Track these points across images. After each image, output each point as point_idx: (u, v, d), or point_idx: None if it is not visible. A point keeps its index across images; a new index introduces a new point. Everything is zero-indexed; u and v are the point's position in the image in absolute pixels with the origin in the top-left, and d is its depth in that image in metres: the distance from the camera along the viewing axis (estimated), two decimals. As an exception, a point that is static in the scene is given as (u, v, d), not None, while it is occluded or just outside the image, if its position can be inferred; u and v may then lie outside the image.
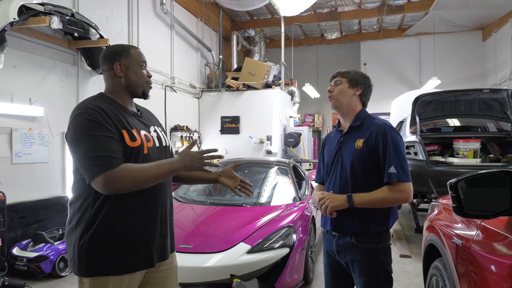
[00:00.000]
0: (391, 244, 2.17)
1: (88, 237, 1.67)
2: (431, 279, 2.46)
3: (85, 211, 1.69)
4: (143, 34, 7.34)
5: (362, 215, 2.04)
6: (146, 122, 1.93)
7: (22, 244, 4.48)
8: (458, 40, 12.47)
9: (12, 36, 4.58)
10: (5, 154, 4.59)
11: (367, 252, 2.05)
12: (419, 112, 5.69)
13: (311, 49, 14.27)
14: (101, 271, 1.68)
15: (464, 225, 1.99)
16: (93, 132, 1.62)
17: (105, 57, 1.85)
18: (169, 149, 2.00)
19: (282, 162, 5.45)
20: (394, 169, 1.96)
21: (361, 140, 2.07)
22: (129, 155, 1.70)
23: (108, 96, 1.84)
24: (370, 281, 2.05)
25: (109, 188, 1.60)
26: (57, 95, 5.32)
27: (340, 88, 2.17)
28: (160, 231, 1.85)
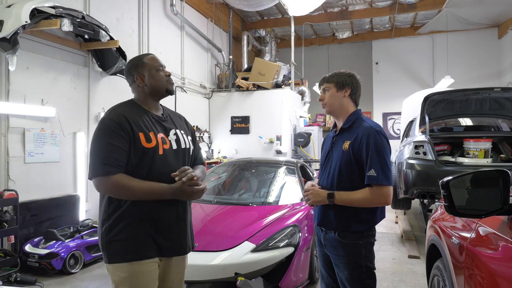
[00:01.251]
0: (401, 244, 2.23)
1: (107, 226, 1.89)
2: (433, 279, 2.45)
3: (106, 204, 1.92)
4: (153, 36, 7.43)
5: (346, 213, 2.14)
6: (168, 125, 2.08)
7: (34, 241, 4.60)
8: (472, 38, 12.27)
9: (24, 38, 4.69)
10: (18, 154, 4.70)
11: (348, 248, 2.14)
12: (429, 112, 5.63)
13: (322, 48, 14.22)
14: (120, 258, 1.86)
15: (463, 225, 1.99)
16: (106, 139, 1.86)
17: (126, 72, 2.08)
18: (189, 151, 2.14)
19: (290, 162, 5.46)
20: (374, 172, 2.03)
21: (347, 142, 2.16)
22: (145, 154, 1.90)
23: (135, 102, 2.06)
24: (352, 275, 2.14)
25: (100, 189, 1.88)
26: (69, 96, 5.43)
27: (330, 94, 2.26)
28: (178, 226, 2.01)
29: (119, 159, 1.84)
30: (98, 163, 1.83)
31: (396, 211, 7.75)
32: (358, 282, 2.14)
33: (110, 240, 1.87)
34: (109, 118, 1.91)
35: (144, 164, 1.90)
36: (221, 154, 9.57)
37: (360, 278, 2.13)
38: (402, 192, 5.40)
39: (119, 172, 1.83)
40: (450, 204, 1.56)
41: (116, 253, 1.87)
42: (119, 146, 1.85)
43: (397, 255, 5.12)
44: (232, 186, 5.13)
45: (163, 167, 1.94)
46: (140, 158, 1.89)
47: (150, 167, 1.91)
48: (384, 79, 13.14)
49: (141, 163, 1.90)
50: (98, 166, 1.83)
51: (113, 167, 1.82)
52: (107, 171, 1.81)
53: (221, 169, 5.64)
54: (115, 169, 1.82)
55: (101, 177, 1.82)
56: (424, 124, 5.62)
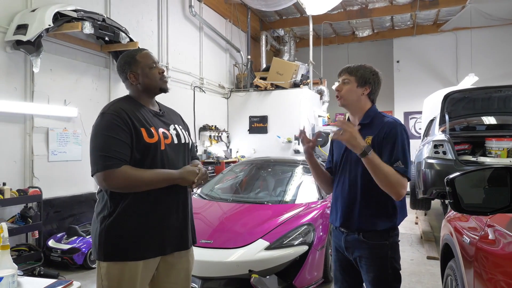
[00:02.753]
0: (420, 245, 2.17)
1: (107, 224, 1.84)
2: (446, 279, 2.43)
3: (106, 201, 1.88)
4: (172, 37, 7.55)
5: (370, 212, 2.06)
6: (167, 120, 2.07)
7: (57, 236, 4.77)
8: (498, 34, 11.92)
9: (48, 41, 4.86)
10: (42, 152, 4.88)
11: (374, 249, 2.05)
12: (449, 110, 5.53)
13: (342, 47, 14.11)
14: (117, 256, 1.83)
15: (473, 223, 1.97)
16: (107, 133, 1.81)
17: (119, 69, 2.03)
18: (188, 146, 2.12)
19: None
20: (401, 164, 1.95)
21: (370, 137, 2.07)
22: (147, 150, 1.88)
23: (132, 98, 2.03)
24: (378, 278, 2.05)
25: (105, 184, 1.80)
26: (90, 96, 5.60)
27: (348, 87, 2.14)
28: (178, 221, 1.98)
29: (123, 152, 1.80)
30: (101, 157, 1.78)
31: (416, 211, 7.64)
32: (384, 284, 2.05)
33: (110, 237, 1.83)
34: (108, 112, 1.87)
35: (147, 159, 1.88)
36: (239, 153, 9.64)
37: (386, 281, 2.05)
38: (421, 192, 5.32)
39: (124, 165, 1.79)
40: (455, 201, 1.55)
41: (115, 251, 1.83)
42: (121, 140, 1.81)
43: (416, 256, 5.06)
44: (249, 185, 5.18)
45: (165, 162, 1.93)
46: (143, 153, 1.87)
47: (153, 162, 1.89)
48: (405, 78, 12.93)
49: (144, 158, 1.87)
50: (102, 160, 1.77)
51: (118, 160, 1.78)
52: (112, 164, 1.76)
53: (238, 168, 5.69)
54: (120, 162, 1.78)
55: (106, 171, 1.76)
56: (444, 123, 5.53)
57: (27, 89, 4.72)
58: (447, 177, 1.57)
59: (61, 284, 1.73)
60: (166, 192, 1.92)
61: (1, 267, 1.53)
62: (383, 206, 2.06)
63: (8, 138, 4.51)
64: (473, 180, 1.59)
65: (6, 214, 4.43)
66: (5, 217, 4.39)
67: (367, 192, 2.06)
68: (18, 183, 4.58)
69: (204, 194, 4.83)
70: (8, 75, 4.50)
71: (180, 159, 2.04)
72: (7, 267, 1.54)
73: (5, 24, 4.45)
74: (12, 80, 4.55)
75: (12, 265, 1.56)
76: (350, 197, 2.11)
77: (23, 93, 4.68)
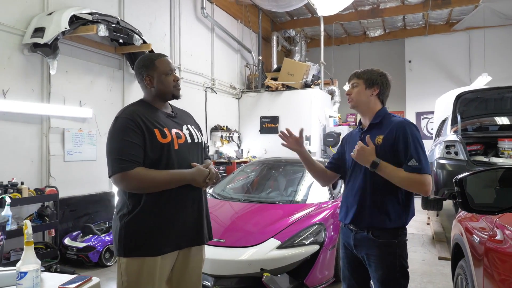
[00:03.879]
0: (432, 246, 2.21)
1: (126, 221, 1.93)
2: (457, 279, 2.45)
3: (125, 200, 1.97)
4: (185, 38, 7.64)
5: (379, 211, 2.11)
6: (179, 121, 2.16)
7: (73, 235, 4.87)
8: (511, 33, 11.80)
9: (64, 44, 4.97)
10: (58, 152, 4.99)
11: (383, 247, 2.10)
12: (461, 111, 5.50)
13: (353, 47, 14.05)
14: (135, 252, 1.91)
15: (483, 223, 1.99)
16: (122, 136, 1.91)
17: (136, 70, 2.12)
18: (201, 145, 2.21)
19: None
20: (415, 162, 2.01)
21: (380, 136, 2.14)
22: (161, 149, 1.96)
23: (145, 101, 2.12)
24: (386, 275, 2.10)
25: (121, 185, 1.92)
26: (105, 97, 5.70)
27: (357, 90, 2.24)
28: (193, 217, 2.06)
29: (136, 154, 1.89)
30: (116, 160, 1.88)
31: (428, 212, 7.60)
32: (392, 282, 2.10)
33: (129, 234, 1.92)
34: (122, 116, 1.96)
35: (162, 159, 1.95)
36: (250, 153, 9.69)
37: (394, 278, 2.10)
38: (433, 192, 5.30)
39: (137, 167, 1.88)
40: (464, 201, 1.58)
41: (133, 247, 1.91)
42: (134, 142, 1.90)
43: (427, 257, 5.06)
44: (260, 184, 5.23)
45: (179, 162, 2.00)
46: (158, 153, 1.94)
47: (167, 162, 1.96)
48: (417, 78, 12.84)
49: (160, 158, 1.95)
50: (117, 163, 1.87)
51: (131, 163, 1.87)
52: (126, 166, 1.85)
53: (249, 168, 5.74)
54: (133, 164, 1.87)
55: (121, 173, 1.86)
56: (456, 123, 5.50)
57: (44, 90, 4.83)
58: (456, 177, 1.60)
59: (81, 279, 1.77)
60: (180, 191, 1.99)
61: (26, 262, 1.58)
62: (392, 205, 2.11)
63: (25, 139, 4.62)
64: (485, 180, 1.62)
65: (24, 213, 4.54)
66: (22, 215, 4.49)
67: (377, 191, 2.13)
68: (35, 183, 4.70)
69: (216, 193, 4.89)
70: (25, 77, 4.62)
71: (194, 158, 2.11)
72: (31, 262, 1.59)
73: (22, 27, 4.56)
74: (30, 81, 4.67)
75: (36, 261, 1.61)
76: (360, 195, 2.18)
77: (40, 94, 4.79)
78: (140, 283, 1.91)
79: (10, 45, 4.45)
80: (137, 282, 1.91)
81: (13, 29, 4.47)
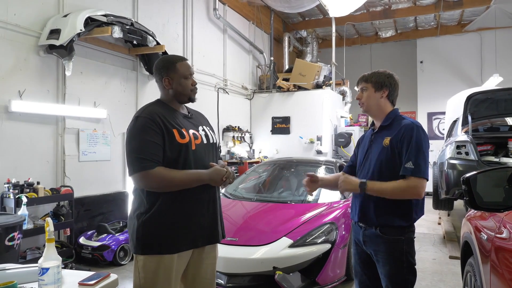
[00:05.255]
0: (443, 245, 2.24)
1: (144, 220, 1.97)
2: (466, 276, 2.47)
3: (142, 199, 2.01)
4: (197, 39, 7.71)
5: (387, 209, 2.15)
6: (195, 122, 2.21)
7: (88, 234, 4.94)
8: (523, 34, 11.68)
9: (79, 45, 5.05)
10: (73, 153, 5.07)
11: (390, 243, 2.15)
12: (472, 111, 5.49)
13: (365, 48, 14.00)
14: (153, 250, 1.96)
15: (491, 221, 2.01)
16: (143, 136, 1.95)
17: (156, 69, 2.15)
18: (215, 145, 2.26)
19: (329, 161, 5.51)
20: (411, 165, 2.04)
21: (388, 138, 2.19)
22: (179, 150, 2.00)
23: (163, 102, 2.16)
24: (393, 271, 2.14)
25: (142, 184, 1.96)
26: (118, 98, 5.78)
27: (367, 94, 2.29)
28: (209, 217, 2.11)
29: (156, 154, 1.92)
30: (137, 159, 1.91)
31: (440, 212, 7.57)
32: (399, 277, 2.14)
33: (147, 232, 1.95)
34: (142, 116, 1.99)
35: (180, 159, 1.99)
36: (262, 154, 9.72)
37: (401, 274, 2.14)
38: (444, 192, 5.29)
39: (158, 166, 1.92)
40: (471, 199, 1.64)
41: (151, 245, 1.95)
42: (155, 142, 1.93)
43: (438, 256, 5.06)
44: (272, 184, 5.26)
45: (196, 162, 2.05)
46: (176, 153, 1.98)
47: (185, 162, 2.00)
48: (429, 78, 12.75)
49: (178, 158, 1.99)
50: (138, 162, 1.90)
51: (152, 162, 1.90)
52: (147, 165, 1.89)
53: (261, 168, 5.77)
54: (154, 164, 1.90)
55: (142, 172, 1.89)
56: (467, 123, 5.49)
57: (59, 91, 4.91)
58: (463, 176, 1.63)
59: (99, 276, 1.80)
60: (197, 190, 2.03)
61: (47, 259, 1.61)
62: (400, 203, 2.14)
63: (41, 139, 4.70)
64: (495, 179, 1.65)
65: (40, 212, 4.61)
66: (38, 215, 4.57)
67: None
68: (50, 182, 4.77)
69: (228, 193, 4.93)
70: (41, 78, 4.70)
71: (210, 158, 2.16)
72: (52, 258, 1.62)
73: (38, 29, 4.64)
74: (45, 83, 4.75)
75: (57, 257, 1.64)
76: (366, 195, 2.21)
77: (55, 95, 4.87)
78: (157, 280, 1.95)
79: (26, 46, 4.53)
80: (154, 279, 1.95)
81: (29, 31, 4.55)
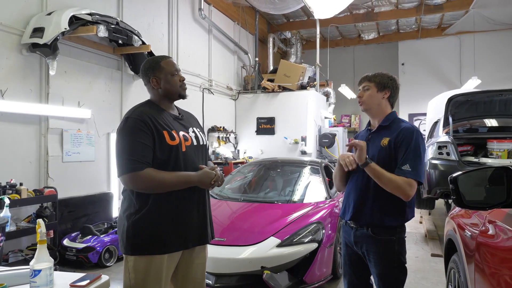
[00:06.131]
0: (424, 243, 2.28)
1: (134, 220, 1.96)
2: (450, 272, 2.54)
3: (132, 199, 1.99)
4: (182, 39, 7.68)
5: (379, 208, 2.18)
6: (186, 124, 2.20)
7: (72, 236, 4.87)
8: (500, 38, 12.07)
9: (62, 44, 4.96)
10: (56, 153, 4.99)
11: (382, 243, 2.18)
12: (453, 113, 5.65)
13: (348, 49, 14.21)
14: (144, 250, 1.95)
15: (475, 219, 2.09)
16: (133, 137, 1.93)
17: (142, 72, 2.15)
18: (205, 147, 2.26)
19: (314, 161, 5.57)
20: (409, 167, 2.09)
21: (387, 139, 2.22)
22: (169, 151, 1.99)
23: (153, 103, 2.15)
24: (385, 271, 2.18)
25: (131, 185, 1.94)
26: (103, 98, 5.72)
27: (369, 93, 2.30)
28: (199, 218, 2.11)
29: (146, 155, 1.92)
30: (127, 160, 1.90)
31: (421, 211, 7.73)
32: (391, 277, 2.18)
33: (137, 233, 1.94)
34: (132, 117, 1.98)
35: (170, 160, 1.99)
36: (246, 154, 9.74)
37: (393, 274, 2.18)
38: (426, 192, 5.43)
39: (147, 167, 1.91)
40: (458, 198, 1.70)
41: (142, 245, 1.94)
42: (145, 143, 1.92)
43: (420, 254, 5.17)
44: (258, 185, 5.28)
45: (186, 163, 2.04)
46: (167, 155, 1.98)
47: (175, 163, 2.00)
48: (410, 80, 13.02)
49: (167, 160, 1.98)
50: (127, 163, 1.89)
51: (141, 163, 1.89)
52: (136, 167, 1.88)
53: (247, 168, 5.79)
54: (144, 165, 1.89)
55: (131, 173, 1.88)
56: (447, 125, 5.64)
57: (43, 91, 4.82)
58: (451, 175, 1.71)
59: (90, 278, 1.80)
60: (187, 191, 2.03)
61: (39, 261, 1.60)
62: (393, 203, 2.18)
63: (23, 139, 4.61)
64: (475, 179, 1.73)
65: (22, 214, 4.51)
66: (21, 216, 4.47)
67: (379, 189, 2.18)
68: (33, 183, 4.68)
69: (215, 193, 4.93)
70: (24, 77, 4.61)
71: (200, 160, 2.16)
72: (44, 260, 1.62)
73: (21, 27, 4.55)
74: (28, 82, 4.66)
75: (49, 259, 1.63)
76: (362, 193, 2.25)
77: (39, 94, 4.79)
78: (147, 281, 1.95)
79: (8, 45, 4.43)
80: (145, 280, 1.95)
81: (11, 29, 4.46)
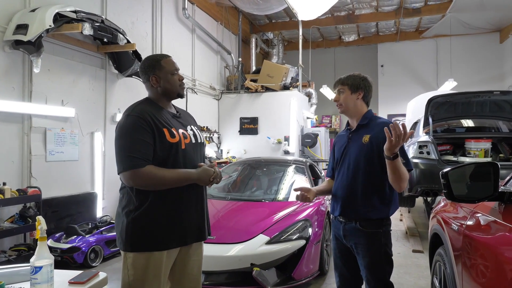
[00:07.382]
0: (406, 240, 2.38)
1: (134, 217, 1.98)
2: (435, 265, 2.66)
3: (131, 196, 2.01)
4: (166, 38, 7.66)
5: (367, 203, 2.31)
6: (184, 122, 2.23)
7: (56, 236, 4.79)
8: (475, 42, 12.50)
9: (47, 41, 4.88)
10: (40, 152, 4.91)
11: (369, 236, 2.31)
12: (432, 113, 5.83)
13: (329, 51, 14.42)
14: (143, 247, 1.97)
15: (461, 212, 2.20)
16: (133, 134, 1.95)
17: (141, 70, 2.16)
18: (203, 145, 2.30)
19: (299, 161, 5.66)
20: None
21: (367, 136, 2.34)
22: (169, 149, 2.02)
23: (152, 100, 2.16)
24: (372, 262, 2.30)
25: (131, 182, 1.95)
26: (87, 97, 5.65)
27: (344, 96, 2.43)
28: (197, 215, 2.15)
29: (147, 152, 1.93)
30: (127, 157, 1.91)
31: (401, 209, 7.95)
32: (378, 268, 2.30)
33: (137, 229, 1.96)
34: (132, 114, 1.99)
35: (170, 158, 2.01)
36: (230, 154, 9.78)
37: (380, 264, 2.30)
38: (407, 190, 5.58)
39: (148, 165, 1.92)
40: (449, 191, 1.82)
41: (141, 242, 1.96)
42: (145, 140, 1.93)
43: (402, 250, 5.32)
44: (243, 184, 5.33)
45: (186, 161, 2.07)
46: (167, 152, 2.00)
47: (175, 161, 2.02)
48: (389, 82, 13.34)
49: (167, 158, 2.00)
50: (128, 160, 1.90)
51: (142, 160, 1.90)
52: (137, 164, 1.89)
53: (231, 168, 5.83)
54: (144, 162, 1.91)
55: (132, 170, 1.89)
56: (427, 125, 5.82)
57: (25, 89, 4.74)
58: (442, 170, 1.82)
59: (88, 275, 1.80)
60: (186, 188, 2.07)
61: (40, 257, 1.61)
62: (379, 197, 2.31)
63: (6, 138, 4.52)
64: (465, 174, 1.88)
65: (5, 214, 4.43)
66: (3, 217, 4.39)
67: (366, 184, 2.32)
68: (16, 183, 4.60)
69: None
70: (6, 74, 4.52)
71: (198, 157, 2.20)
72: (45, 257, 1.63)
73: (3, 23, 4.46)
74: (10, 79, 4.57)
75: (49, 256, 1.64)
76: (350, 188, 2.37)
77: (21, 93, 4.70)
78: (146, 277, 1.97)
79: (-11, 41, 4.35)
80: (144, 276, 1.97)
81: (-7, 25, 4.38)
